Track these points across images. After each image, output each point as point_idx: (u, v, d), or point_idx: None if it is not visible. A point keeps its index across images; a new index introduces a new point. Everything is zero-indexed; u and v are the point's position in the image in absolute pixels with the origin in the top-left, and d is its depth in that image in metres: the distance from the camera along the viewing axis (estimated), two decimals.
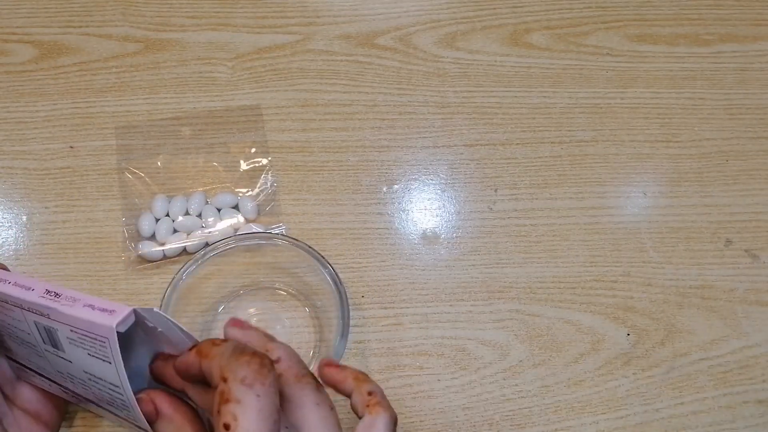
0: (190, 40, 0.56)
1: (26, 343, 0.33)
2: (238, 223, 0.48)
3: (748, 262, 0.50)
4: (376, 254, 0.49)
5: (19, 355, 0.34)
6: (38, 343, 0.31)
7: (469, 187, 0.52)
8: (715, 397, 0.45)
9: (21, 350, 0.34)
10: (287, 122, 0.53)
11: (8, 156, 0.51)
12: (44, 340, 0.31)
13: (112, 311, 0.28)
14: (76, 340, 0.29)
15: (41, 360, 0.33)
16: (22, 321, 0.31)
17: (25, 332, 0.32)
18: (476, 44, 0.57)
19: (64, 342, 0.30)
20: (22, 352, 0.34)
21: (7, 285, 0.30)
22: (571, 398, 0.45)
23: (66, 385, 0.33)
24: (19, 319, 0.31)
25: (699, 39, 0.58)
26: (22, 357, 0.34)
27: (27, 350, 0.33)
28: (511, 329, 0.47)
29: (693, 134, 0.54)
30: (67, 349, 0.30)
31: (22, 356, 0.34)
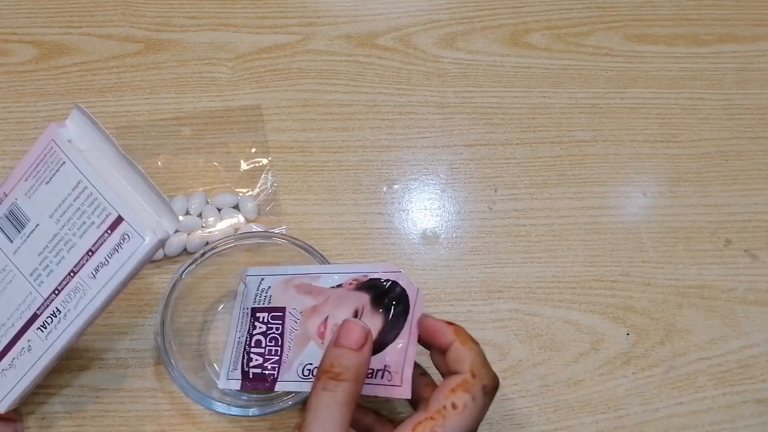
0: (190, 41, 0.56)
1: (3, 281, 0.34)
2: (239, 223, 0.48)
3: (748, 261, 0.50)
4: (376, 254, 0.49)
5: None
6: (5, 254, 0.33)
7: (469, 187, 0.52)
8: (714, 396, 0.45)
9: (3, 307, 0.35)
10: (287, 122, 0.53)
11: (9, 156, 0.51)
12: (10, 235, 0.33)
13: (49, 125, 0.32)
14: (32, 187, 0.32)
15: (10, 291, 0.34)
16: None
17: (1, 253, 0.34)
18: (476, 44, 0.57)
19: (25, 206, 0.32)
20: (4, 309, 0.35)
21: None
22: (571, 398, 0.45)
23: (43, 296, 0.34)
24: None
25: (698, 39, 0.58)
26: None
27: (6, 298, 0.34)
28: (511, 329, 0.47)
29: (692, 134, 0.55)
30: (29, 213, 0.32)
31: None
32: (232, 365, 0.40)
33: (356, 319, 0.35)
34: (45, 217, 0.32)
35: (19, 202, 0.32)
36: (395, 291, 0.37)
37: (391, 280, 0.38)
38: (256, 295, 0.41)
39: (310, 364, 0.38)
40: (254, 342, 0.40)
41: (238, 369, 0.40)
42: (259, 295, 0.41)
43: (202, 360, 0.44)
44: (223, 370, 0.41)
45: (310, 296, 0.39)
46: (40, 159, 0.32)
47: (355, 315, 0.38)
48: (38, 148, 0.32)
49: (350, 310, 0.38)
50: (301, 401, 0.40)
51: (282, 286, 0.41)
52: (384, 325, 0.37)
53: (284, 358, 0.39)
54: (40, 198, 0.32)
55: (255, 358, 0.39)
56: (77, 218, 0.32)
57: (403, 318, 0.36)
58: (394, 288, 0.37)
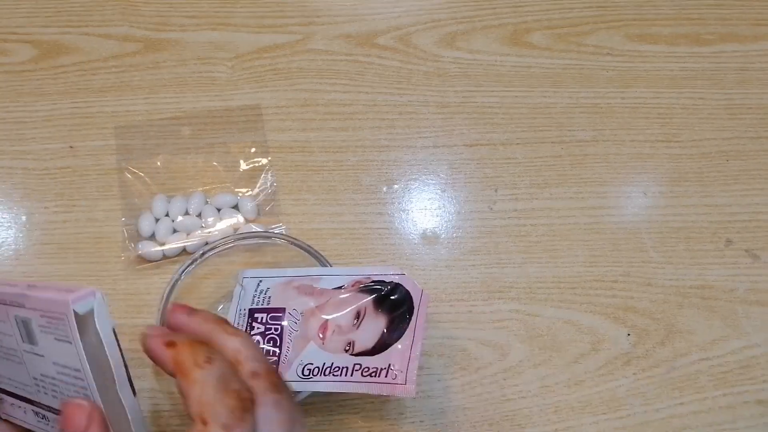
0: (189, 40, 0.56)
1: (10, 351, 0.33)
2: (238, 223, 0.48)
3: (749, 262, 0.50)
4: (376, 254, 0.49)
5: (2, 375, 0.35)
6: (19, 344, 0.32)
7: (469, 187, 0.51)
8: (715, 397, 0.45)
9: (4, 366, 0.34)
10: (287, 122, 0.53)
11: (7, 156, 0.51)
12: (23, 336, 0.31)
13: (69, 291, 0.28)
14: (45, 327, 0.30)
15: (20, 370, 0.33)
16: (6, 322, 0.32)
17: (8, 336, 0.32)
18: (476, 44, 0.57)
19: (37, 332, 0.30)
20: (4, 368, 0.34)
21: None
22: (572, 398, 0.45)
23: (39, 399, 0.33)
24: (3, 320, 0.32)
25: (700, 39, 0.58)
26: (2, 377, 0.35)
27: (10, 363, 0.34)
28: (511, 329, 0.47)
29: (693, 134, 0.54)
30: (39, 340, 0.30)
31: (3, 375, 0.35)
32: None
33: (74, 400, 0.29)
34: (49, 359, 0.31)
35: (33, 325, 0.31)
36: (398, 292, 0.37)
37: (395, 282, 0.38)
38: (255, 296, 0.41)
39: (310, 364, 0.38)
40: None
41: None
42: (258, 296, 0.41)
43: None
44: None
45: (311, 297, 0.39)
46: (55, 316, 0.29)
47: (357, 316, 0.38)
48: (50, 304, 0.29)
49: (352, 312, 0.38)
50: (302, 401, 0.40)
51: (282, 287, 0.40)
52: (387, 326, 0.37)
53: (283, 359, 0.39)
54: (49, 341, 0.30)
55: None
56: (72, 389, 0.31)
57: (407, 318, 0.36)
58: (396, 289, 0.37)
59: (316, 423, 0.43)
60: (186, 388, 0.26)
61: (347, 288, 0.39)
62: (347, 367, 0.37)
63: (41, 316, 0.29)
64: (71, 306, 0.28)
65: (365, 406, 0.44)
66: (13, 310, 0.31)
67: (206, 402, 0.26)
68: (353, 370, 0.37)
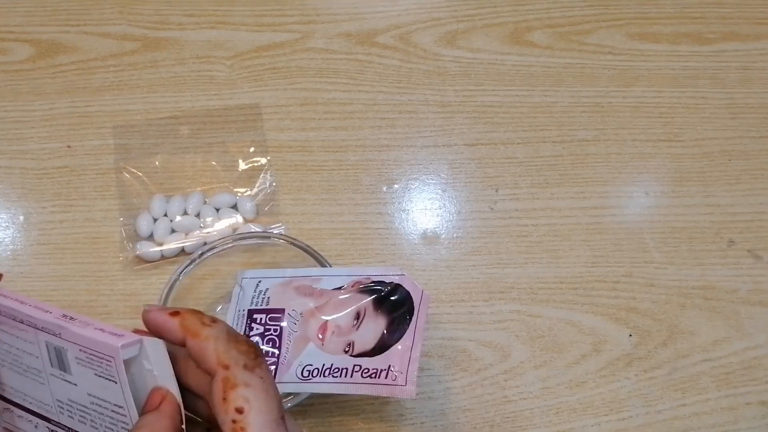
0: (188, 39, 0.55)
1: (30, 369, 0.33)
2: (237, 223, 0.48)
3: (751, 262, 0.50)
4: (376, 254, 0.48)
5: (13, 388, 0.35)
6: (45, 367, 0.32)
7: (470, 186, 0.51)
8: (717, 398, 0.45)
9: (18, 381, 0.34)
10: (286, 121, 0.53)
11: (5, 156, 0.50)
12: (52, 362, 0.32)
13: (121, 335, 0.29)
14: (84, 360, 0.30)
15: (41, 390, 0.33)
16: (33, 343, 0.32)
17: (33, 356, 0.32)
18: (477, 43, 0.57)
19: (72, 362, 0.31)
20: (18, 383, 0.34)
21: (27, 307, 0.32)
22: (573, 400, 0.45)
23: (60, 420, 0.33)
24: (30, 341, 0.32)
25: (701, 38, 0.58)
26: (15, 391, 0.35)
27: (27, 380, 0.34)
28: (513, 330, 0.46)
29: (695, 133, 0.54)
30: (74, 371, 0.31)
31: (16, 389, 0.35)
32: None
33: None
34: (84, 389, 0.31)
35: (68, 355, 0.31)
36: (398, 293, 0.37)
37: (395, 283, 0.37)
38: (254, 297, 0.41)
39: (309, 365, 0.38)
40: None
41: None
42: (257, 297, 0.40)
43: None
44: None
45: (311, 298, 0.39)
46: (98, 354, 0.30)
47: (356, 317, 0.38)
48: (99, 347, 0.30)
49: (352, 312, 0.38)
50: (301, 402, 0.39)
51: (281, 288, 0.40)
52: (387, 326, 0.37)
53: (282, 359, 0.38)
54: (86, 374, 0.31)
55: None
56: (108, 421, 0.31)
57: (408, 319, 0.36)
58: (396, 290, 0.37)
59: (315, 424, 0.43)
60: (199, 345, 0.28)
61: (347, 288, 0.39)
62: (347, 368, 0.37)
63: (80, 350, 0.30)
64: (121, 352, 0.29)
65: (365, 408, 0.43)
66: (44, 336, 0.31)
67: (222, 351, 0.28)
68: (353, 371, 0.37)
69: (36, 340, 0.32)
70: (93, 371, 0.30)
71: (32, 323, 0.31)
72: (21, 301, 0.32)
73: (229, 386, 0.27)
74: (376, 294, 0.38)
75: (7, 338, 0.33)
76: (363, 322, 0.38)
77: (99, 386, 0.30)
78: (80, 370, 0.31)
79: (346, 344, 0.38)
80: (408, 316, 0.37)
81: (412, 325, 0.36)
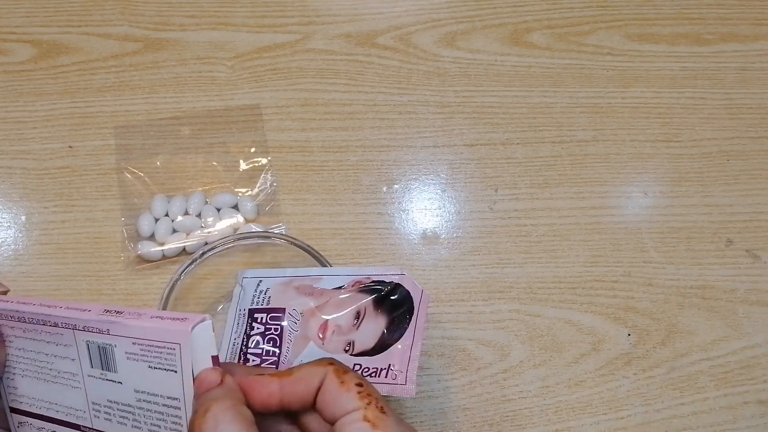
0: (189, 40, 0.56)
1: (61, 375, 0.32)
2: (238, 223, 0.48)
3: (750, 262, 0.50)
4: (376, 254, 0.49)
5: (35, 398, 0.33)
6: (82, 368, 0.31)
7: (470, 186, 0.51)
8: (716, 397, 0.45)
9: (42, 390, 0.33)
10: (287, 122, 0.53)
11: (7, 156, 0.51)
12: (93, 362, 0.31)
13: (184, 319, 0.28)
14: (136, 354, 0.29)
15: (72, 394, 0.32)
16: (69, 345, 0.31)
17: (68, 359, 0.31)
18: (476, 43, 0.57)
19: (121, 359, 0.30)
20: (42, 392, 0.33)
21: (61, 309, 0.31)
22: (572, 399, 0.45)
23: (93, 425, 0.32)
24: (66, 344, 0.31)
25: (700, 38, 0.58)
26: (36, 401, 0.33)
27: (55, 387, 0.32)
28: (512, 329, 0.47)
29: (694, 134, 0.54)
30: (121, 367, 0.30)
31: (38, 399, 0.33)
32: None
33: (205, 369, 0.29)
34: (130, 386, 0.30)
35: (116, 351, 0.30)
36: (398, 292, 0.37)
37: (394, 282, 0.38)
38: (254, 296, 0.41)
39: None
40: (251, 343, 0.39)
41: None
42: (258, 297, 0.41)
43: None
44: None
45: (311, 297, 0.39)
46: (156, 345, 0.29)
47: (357, 316, 0.38)
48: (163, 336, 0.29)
49: (352, 312, 0.38)
50: None
51: (282, 288, 0.40)
52: (387, 325, 0.37)
53: (283, 359, 0.39)
54: (136, 369, 0.30)
55: (252, 359, 0.39)
56: (156, 418, 0.30)
57: (408, 319, 0.36)
58: (396, 289, 0.37)
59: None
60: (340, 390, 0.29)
61: (347, 288, 0.39)
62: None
63: (134, 343, 0.29)
64: (191, 334, 0.28)
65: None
66: (85, 335, 0.30)
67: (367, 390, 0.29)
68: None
69: (74, 341, 0.31)
70: (147, 364, 0.29)
71: (71, 324, 0.30)
72: (50, 305, 0.31)
73: (341, 371, 0.29)
74: (376, 293, 0.38)
75: (32, 345, 0.32)
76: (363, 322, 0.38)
77: (151, 380, 0.29)
78: (129, 366, 0.30)
79: (346, 343, 0.38)
80: (408, 316, 0.37)
81: (412, 325, 0.37)
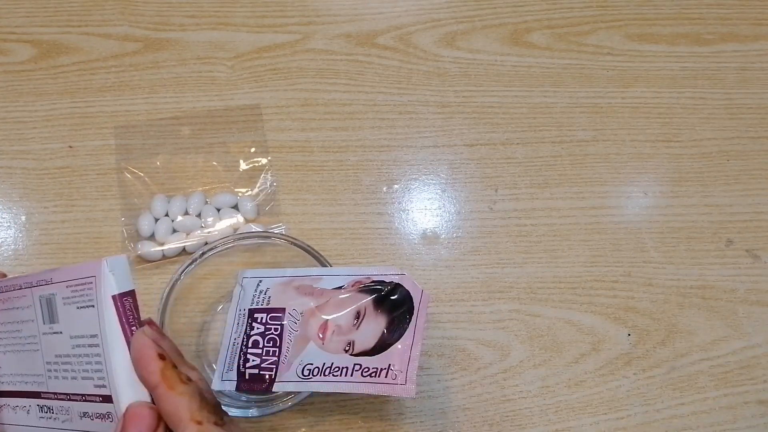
0: (189, 40, 0.56)
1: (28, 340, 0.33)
2: (238, 223, 0.48)
3: (749, 262, 0.50)
4: (376, 254, 0.49)
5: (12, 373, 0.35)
6: (39, 328, 0.33)
7: (470, 186, 0.51)
8: (716, 397, 0.45)
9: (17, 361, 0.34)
10: (287, 122, 0.53)
11: (7, 156, 0.51)
12: (44, 317, 0.33)
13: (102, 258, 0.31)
14: (69, 297, 0.31)
15: (34, 359, 0.33)
16: (30, 306, 0.33)
17: (30, 321, 0.33)
18: (476, 43, 0.57)
19: (60, 306, 0.32)
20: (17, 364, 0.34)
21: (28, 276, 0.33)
22: (572, 399, 0.45)
23: (48, 388, 0.33)
24: (28, 305, 0.33)
25: (700, 38, 0.58)
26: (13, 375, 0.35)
27: (24, 356, 0.34)
28: (512, 329, 0.47)
29: (694, 134, 0.54)
30: (61, 316, 0.32)
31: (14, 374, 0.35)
32: (226, 366, 0.40)
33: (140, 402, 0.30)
34: (67, 334, 0.32)
35: (56, 300, 0.32)
36: (398, 292, 0.37)
37: (395, 282, 0.38)
38: (254, 296, 0.41)
39: (310, 364, 0.38)
40: (251, 343, 0.39)
41: (234, 370, 0.40)
42: (258, 296, 0.41)
43: (201, 361, 0.44)
44: (217, 372, 0.40)
45: (311, 297, 0.39)
46: (78, 282, 0.31)
47: (357, 316, 0.38)
48: (82, 271, 0.31)
49: (352, 312, 0.38)
50: (301, 401, 0.39)
51: (282, 287, 0.40)
52: (387, 325, 0.37)
53: (283, 359, 0.39)
54: (70, 314, 0.32)
55: (252, 358, 0.39)
56: (85, 361, 0.32)
57: (408, 318, 0.36)
58: (396, 289, 0.37)
59: (315, 423, 0.43)
60: (172, 399, 0.29)
61: (347, 288, 0.39)
62: (347, 368, 0.37)
63: (67, 286, 0.32)
64: (104, 262, 0.30)
65: (365, 407, 0.43)
66: (38, 291, 0.33)
67: (196, 408, 0.29)
68: (353, 371, 0.37)
69: (32, 300, 0.33)
70: (77, 304, 0.31)
71: (28, 283, 0.33)
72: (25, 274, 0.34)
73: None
74: (376, 293, 0.38)
75: (12, 315, 0.34)
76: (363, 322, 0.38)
77: (80, 321, 0.31)
78: (66, 311, 0.32)
79: (346, 343, 0.38)
80: (408, 316, 0.37)
81: (412, 325, 0.37)
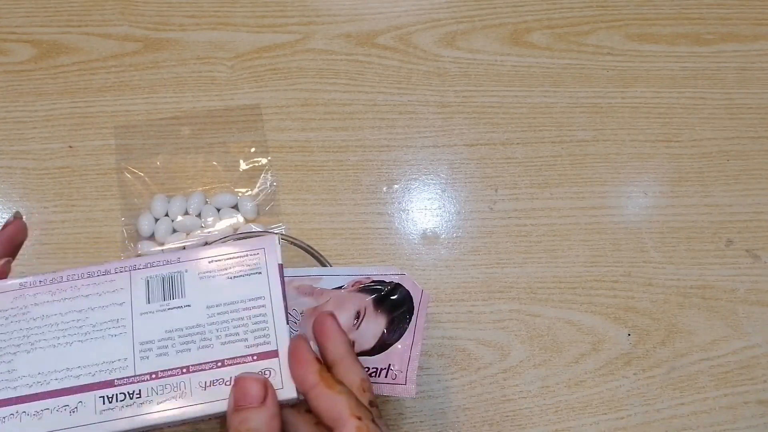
0: (189, 40, 0.56)
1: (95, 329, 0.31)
2: (238, 223, 0.48)
3: (749, 262, 0.50)
4: (376, 254, 0.49)
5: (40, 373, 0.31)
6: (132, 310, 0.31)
7: (470, 186, 0.51)
8: (716, 397, 0.45)
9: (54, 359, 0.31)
10: (287, 122, 0.53)
11: (7, 156, 0.51)
12: (151, 297, 0.32)
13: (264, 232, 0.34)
14: (212, 271, 0.32)
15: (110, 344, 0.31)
16: (120, 290, 0.32)
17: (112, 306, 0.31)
18: (476, 43, 0.57)
19: (191, 282, 0.32)
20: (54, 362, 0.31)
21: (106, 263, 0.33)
22: (572, 399, 0.45)
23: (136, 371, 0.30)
24: (114, 290, 0.32)
25: (700, 38, 0.58)
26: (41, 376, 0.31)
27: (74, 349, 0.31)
28: (512, 329, 0.47)
29: (694, 134, 0.54)
30: (190, 291, 0.32)
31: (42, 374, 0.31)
32: None
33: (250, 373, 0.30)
34: (201, 305, 0.31)
35: (186, 276, 0.32)
36: (398, 292, 0.37)
37: (394, 282, 0.38)
38: None
39: None
40: None
41: None
42: None
43: None
44: None
45: (311, 297, 0.39)
46: (237, 255, 0.32)
47: (357, 316, 0.38)
48: (244, 247, 0.33)
49: (352, 312, 0.38)
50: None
51: None
52: (387, 325, 0.37)
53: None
54: (211, 286, 0.32)
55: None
56: (233, 326, 0.31)
57: (408, 318, 0.36)
58: (396, 289, 0.37)
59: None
60: (331, 397, 0.30)
61: (347, 288, 0.39)
62: None
63: (210, 262, 0.32)
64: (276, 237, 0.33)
65: None
66: (146, 272, 0.32)
67: (355, 405, 0.30)
68: None
69: (129, 283, 0.32)
70: (226, 276, 0.32)
71: (127, 267, 0.32)
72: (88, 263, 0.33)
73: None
74: (376, 293, 0.38)
75: (57, 308, 0.32)
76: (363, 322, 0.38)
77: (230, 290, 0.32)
78: (202, 285, 0.32)
79: None
80: (408, 316, 0.37)
81: (412, 325, 0.37)
